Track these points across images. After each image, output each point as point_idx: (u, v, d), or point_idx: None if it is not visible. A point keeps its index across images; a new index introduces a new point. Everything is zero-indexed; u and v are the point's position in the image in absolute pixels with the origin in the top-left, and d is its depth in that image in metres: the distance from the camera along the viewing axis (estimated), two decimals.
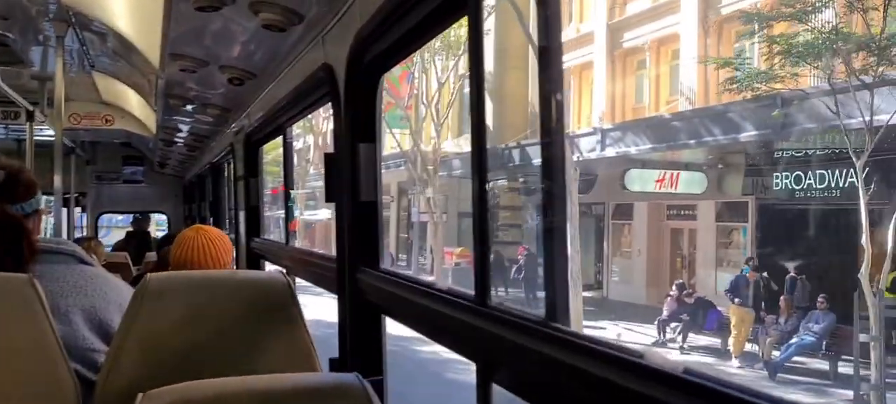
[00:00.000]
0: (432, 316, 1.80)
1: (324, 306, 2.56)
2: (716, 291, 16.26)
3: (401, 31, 2.02)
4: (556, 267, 1.43)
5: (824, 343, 12.73)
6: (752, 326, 13.93)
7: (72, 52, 4.43)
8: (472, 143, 1.64)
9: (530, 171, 18.14)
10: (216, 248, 2.81)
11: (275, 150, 5.74)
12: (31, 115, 4.89)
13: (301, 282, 3.24)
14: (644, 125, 17.10)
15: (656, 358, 1.13)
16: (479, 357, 1.62)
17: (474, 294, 1.60)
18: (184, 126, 5.81)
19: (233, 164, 4.99)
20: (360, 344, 2.35)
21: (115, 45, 4.01)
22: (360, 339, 2.36)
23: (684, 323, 15.05)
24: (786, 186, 14.94)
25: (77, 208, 9.34)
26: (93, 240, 5.64)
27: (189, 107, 4.70)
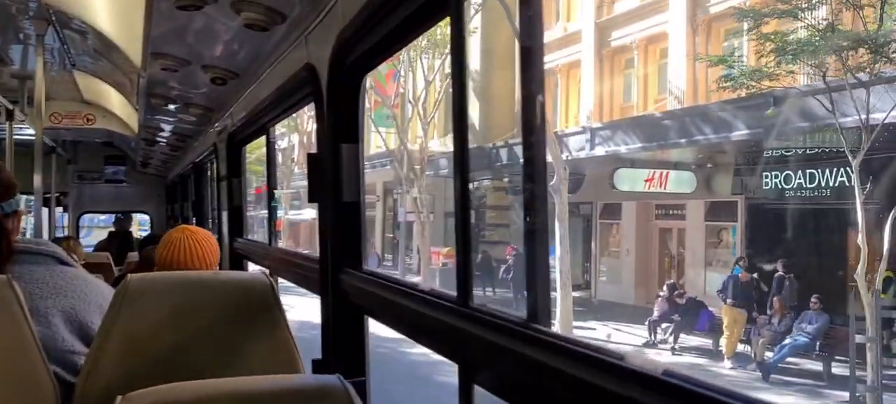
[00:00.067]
0: (415, 317, 1.79)
1: (312, 307, 2.53)
2: (705, 291, 16.15)
3: (383, 32, 2.02)
4: (538, 267, 1.43)
5: (818, 344, 12.52)
6: (745, 327, 13.74)
7: (52, 51, 4.37)
8: (454, 143, 1.64)
9: (518, 171, 18.04)
10: (203, 249, 2.78)
11: (259, 150, 5.71)
12: (10, 114, 4.83)
13: (290, 282, 3.22)
14: (633, 124, 17.01)
15: (636, 360, 1.13)
16: (460, 358, 1.61)
17: (456, 295, 1.60)
18: (166, 125, 5.76)
19: (216, 164, 4.96)
20: (344, 346, 2.34)
21: (96, 44, 3.96)
22: (343, 340, 2.35)
23: (676, 323, 14.82)
24: (775, 186, 14.80)
25: (58, 208, 9.24)
26: (71, 239, 5.58)
27: (171, 107, 4.66)
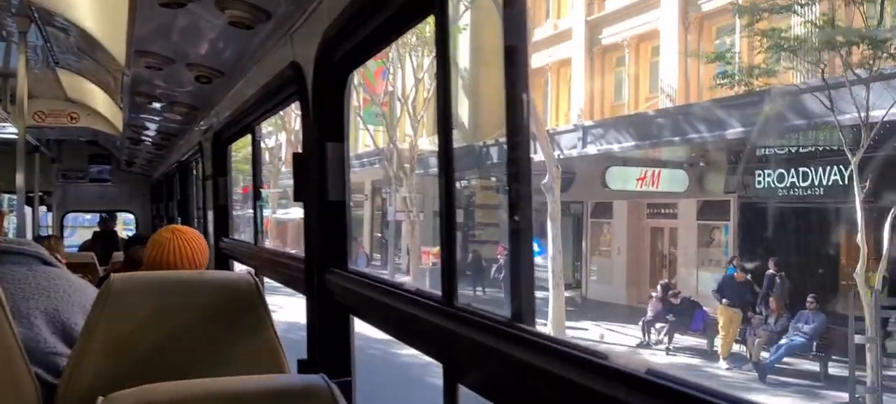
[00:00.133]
0: (400, 316, 1.79)
1: (302, 307, 2.51)
2: (697, 291, 15.99)
3: (369, 30, 2.01)
4: (523, 267, 1.43)
5: (815, 344, 12.23)
6: (740, 327, 13.56)
7: (36, 49, 4.32)
8: (439, 142, 1.63)
9: None
10: (192, 250, 2.74)
11: (245, 148, 5.66)
12: None
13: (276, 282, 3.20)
14: (626, 122, 16.88)
15: (620, 359, 1.13)
16: (445, 357, 1.61)
17: (441, 294, 1.59)
18: (151, 124, 5.71)
19: (201, 163, 4.92)
20: (329, 345, 2.33)
21: (80, 42, 3.92)
22: (328, 340, 2.33)
23: (670, 324, 14.62)
24: (768, 184, 14.61)
25: (42, 207, 9.14)
26: (53, 237, 5.50)
27: (156, 105, 4.62)
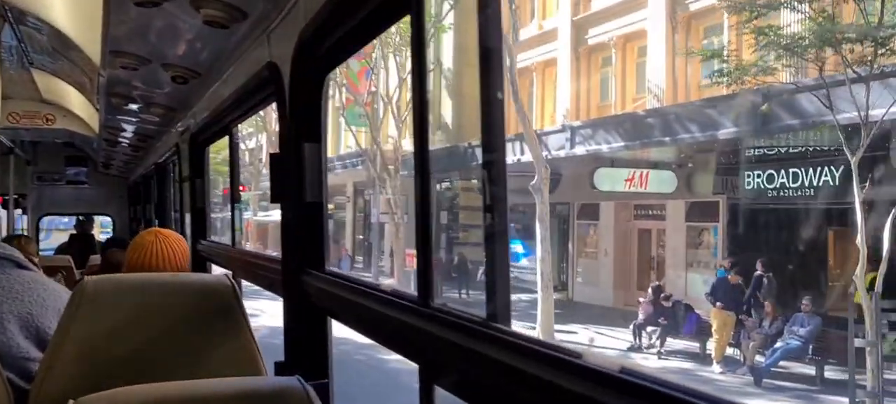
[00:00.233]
0: (376, 317, 1.78)
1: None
2: (686, 293, 15.84)
3: (345, 30, 2.00)
4: (498, 268, 1.43)
5: (811, 347, 12.01)
6: (734, 330, 13.37)
7: (10, 49, 4.25)
8: (414, 143, 1.63)
9: None
10: (175, 253, 2.70)
11: (225, 150, 5.62)
12: None
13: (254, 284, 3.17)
14: (614, 122, 16.74)
15: (594, 359, 1.13)
16: (421, 359, 1.60)
17: (417, 295, 1.59)
18: (128, 126, 5.65)
19: (178, 165, 4.87)
20: (306, 347, 2.31)
21: (54, 42, 3.86)
22: (305, 342, 2.32)
23: (662, 327, 14.24)
24: (757, 186, 14.47)
25: (17, 210, 8.98)
26: (23, 237, 5.35)
27: (133, 107, 4.57)
